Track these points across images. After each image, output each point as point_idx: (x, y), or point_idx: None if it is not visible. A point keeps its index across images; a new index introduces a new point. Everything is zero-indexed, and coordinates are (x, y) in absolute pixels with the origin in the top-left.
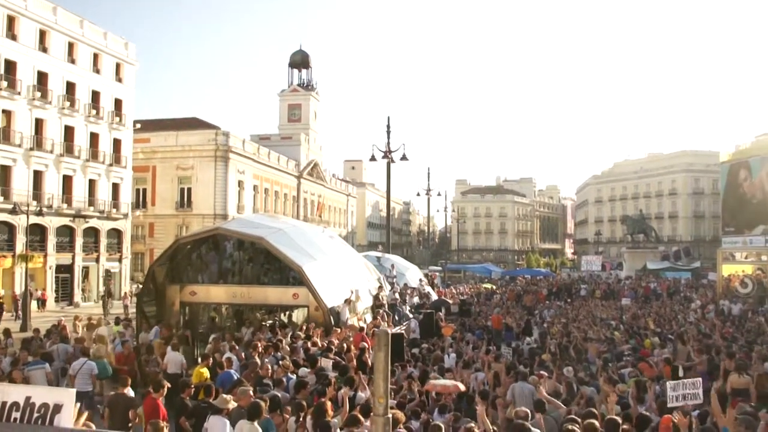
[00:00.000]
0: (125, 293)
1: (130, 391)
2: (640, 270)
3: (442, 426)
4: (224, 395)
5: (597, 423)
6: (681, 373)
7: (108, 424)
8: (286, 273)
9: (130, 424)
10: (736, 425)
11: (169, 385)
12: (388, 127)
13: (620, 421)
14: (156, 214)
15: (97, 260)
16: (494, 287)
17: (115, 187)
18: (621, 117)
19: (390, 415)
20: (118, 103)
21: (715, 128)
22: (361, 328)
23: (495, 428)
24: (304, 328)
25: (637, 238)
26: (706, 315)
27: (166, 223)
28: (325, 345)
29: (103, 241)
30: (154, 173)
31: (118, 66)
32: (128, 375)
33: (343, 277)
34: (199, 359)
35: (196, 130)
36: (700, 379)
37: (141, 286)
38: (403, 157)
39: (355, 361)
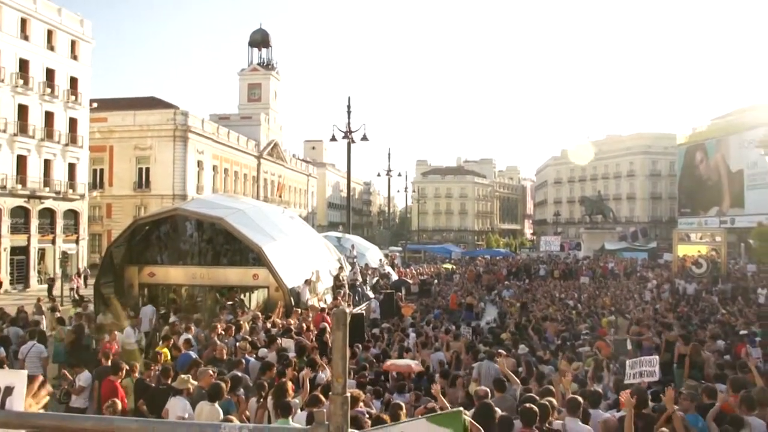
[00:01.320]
0: (74, 275)
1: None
2: (598, 250)
3: (403, 405)
4: (183, 376)
5: (554, 401)
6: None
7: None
8: (246, 254)
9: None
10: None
11: (128, 367)
12: (349, 107)
13: (581, 399)
14: (114, 194)
15: (54, 242)
16: (454, 267)
17: (72, 168)
18: (581, 99)
19: (348, 394)
20: (73, 82)
21: (672, 111)
22: (322, 309)
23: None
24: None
25: (595, 219)
26: (662, 294)
27: (124, 203)
28: (285, 325)
29: (60, 223)
30: (112, 153)
31: (73, 43)
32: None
33: (303, 258)
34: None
35: (155, 109)
36: (657, 357)
37: (87, 269)
38: (364, 138)
39: (315, 341)
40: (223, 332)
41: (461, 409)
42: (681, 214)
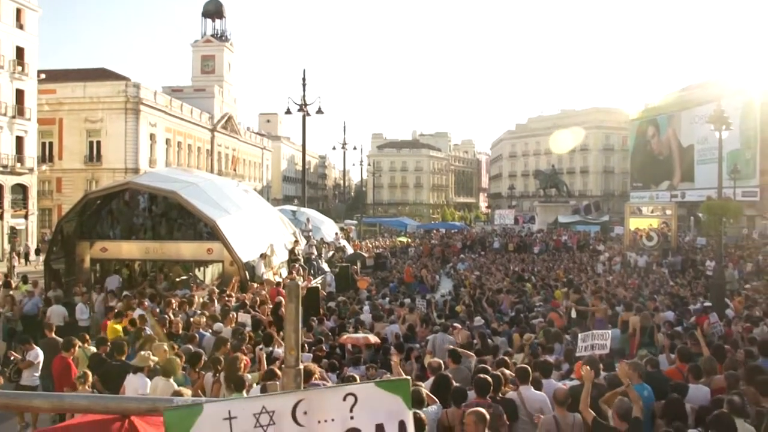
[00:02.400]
0: (13, 252)
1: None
2: (552, 223)
3: (358, 378)
4: (143, 353)
5: (507, 371)
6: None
7: None
8: (199, 228)
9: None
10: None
11: (80, 343)
12: (304, 80)
13: (530, 369)
14: (64, 168)
15: (1, 217)
16: (409, 241)
17: (19, 141)
18: (535, 73)
19: (301, 367)
20: (20, 52)
21: (625, 87)
22: (277, 283)
23: (410, 379)
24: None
25: (549, 193)
26: (613, 267)
27: (74, 177)
28: (241, 300)
29: (8, 197)
30: (61, 126)
31: (18, 11)
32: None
33: (258, 232)
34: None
35: (105, 81)
36: (610, 331)
37: (28, 245)
38: (319, 111)
39: (270, 315)
40: (177, 307)
41: (409, 377)
42: (633, 188)
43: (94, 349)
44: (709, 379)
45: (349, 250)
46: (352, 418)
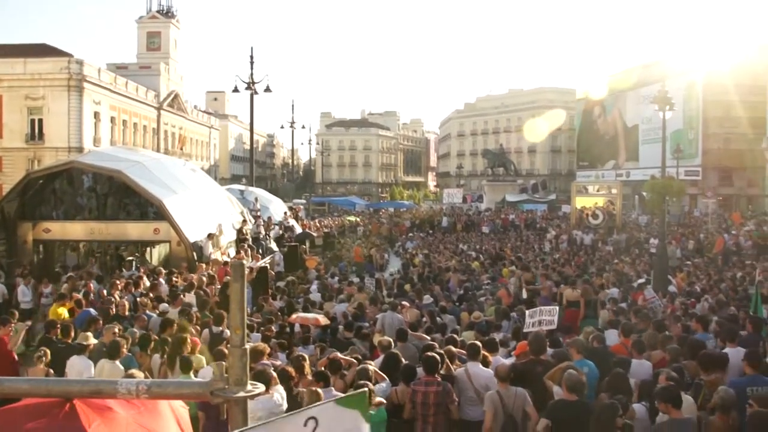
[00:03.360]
0: None
1: None
2: (500, 202)
3: (307, 357)
4: (84, 333)
5: (455, 349)
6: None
7: None
8: (146, 207)
9: None
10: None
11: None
12: (251, 57)
13: (480, 345)
14: (4, 147)
15: None
16: (358, 220)
17: None
18: (484, 53)
19: (247, 346)
20: None
21: (572, 67)
22: (225, 263)
23: (360, 357)
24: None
25: (497, 172)
26: (560, 245)
27: (15, 156)
28: (188, 280)
29: None
30: (0, 103)
31: None
32: None
33: (205, 211)
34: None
35: (47, 57)
36: (557, 307)
37: None
38: (267, 89)
39: (218, 295)
40: (122, 288)
41: (365, 390)
42: (579, 167)
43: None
44: (650, 354)
45: (298, 230)
46: None
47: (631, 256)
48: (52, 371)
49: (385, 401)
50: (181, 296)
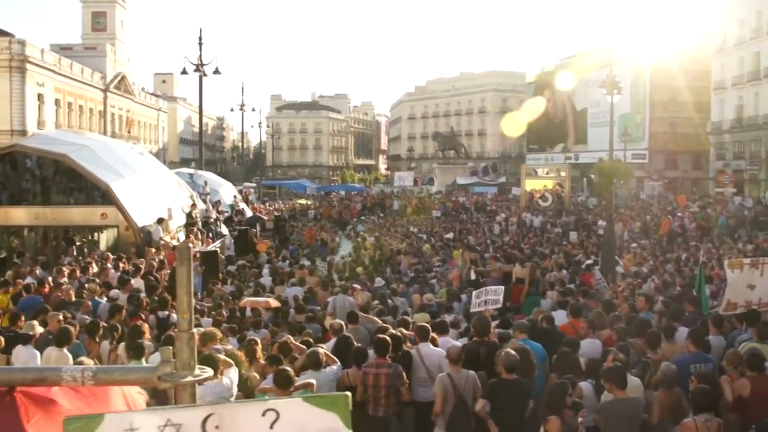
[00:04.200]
0: None
1: None
2: (450, 185)
3: (258, 341)
4: (30, 321)
5: (406, 331)
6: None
7: None
8: (92, 192)
9: None
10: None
11: None
12: (200, 39)
13: (430, 327)
14: None
15: None
16: (309, 203)
17: None
18: (435, 36)
19: (194, 331)
20: None
21: (522, 51)
22: (174, 247)
23: (312, 340)
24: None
25: (447, 155)
26: (510, 227)
27: None
28: (137, 265)
29: None
30: None
31: None
32: None
33: (154, 196)
34: None
35: None
36: (502, 287)
37: None
38: (216, 71)
39: (168, 280)
40: (69, 273)
41: (348, 393)
42: (529, 150)
43: None
44: (599, 332)
45: (248, 213)
46: None
47: (579, 237)
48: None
49: (314, 382)
50: (130, 282)
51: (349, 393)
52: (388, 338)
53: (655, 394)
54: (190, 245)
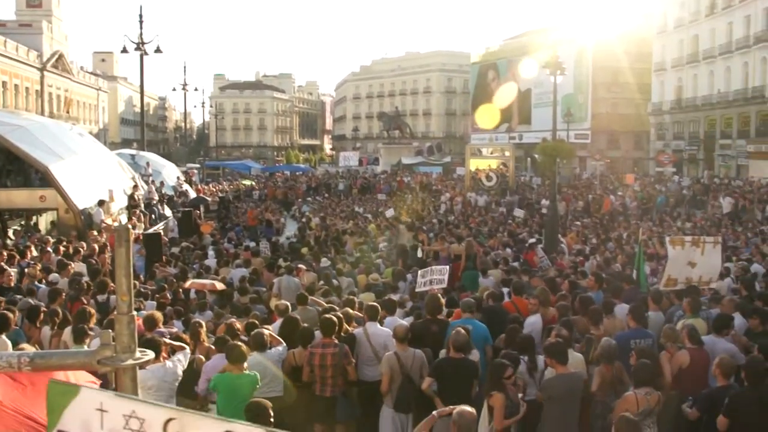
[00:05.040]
0: None
1: None
2: (396, 165)
3: (203, 323)
4: None
5: (352, 311)
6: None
7: None
8: (30, 174)
9: None
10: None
11: None
12: (141, 17)
13: (378, 307)
14: None
15: None
16: (254, 184)
17: None
18: (380, 15)
19: (134, 313)
20: None
21: (467, 31)
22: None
23: (258, 322)
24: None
25: (392, 134)
26: (455, 207)
27: None
28: (78, 248)
29: None
30: None
31: None
32: None
33: (95, 177)
34: None
35: None
36: (447, 267)
37: None
38: (157, 50)
39: (110, 263)
40: (7, 258)
41: None
42: (474, 130)
43: None
44: (546, 309)
45: (192, 195)
46: None
47: (523, 216)
48: None
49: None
50: (71, 265)
51: None
52: (335, 318)
53: (596, 369)
54: (130, 227)
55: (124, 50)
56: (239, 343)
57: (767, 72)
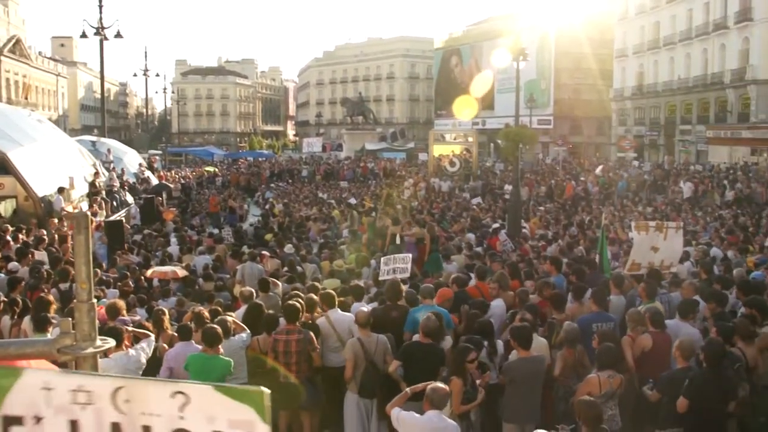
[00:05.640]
0: None
1: None
2: (359, 151)
3: (166, 310)
4: None
5: (315, 297)
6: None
7: None
8: None
9: None
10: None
11: None
12: (100, 1)
13: (334, 294)
14: None
15: None
16: (217, 170)
17: None
18: (343, 1)
19: (94, 301)
20: None
21: (430, 16)
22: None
23: (222, 309)
24: None
25: (356, 120)
26: (419, 192)
27: None
28: (39, 236)
29: None
30: None
31: None
32: None
33: (55, 164)
34: None
35: None
36: (410, 255)
37: None
38: (118, 35)
39: (71, 251)
40: None
41: (265, 390)
42: (437, 115)
43: None
44: (506, 293)
45: (154, 181)
46: (182, 418)
47: (486, 202)
48: None
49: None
50: (31, 254)
51: (266, 390)
52: (298, 305)
53: (559, 353)
54: (90, 214)
55: (84, 35)
56: (215, 325)
57: (726, 58)
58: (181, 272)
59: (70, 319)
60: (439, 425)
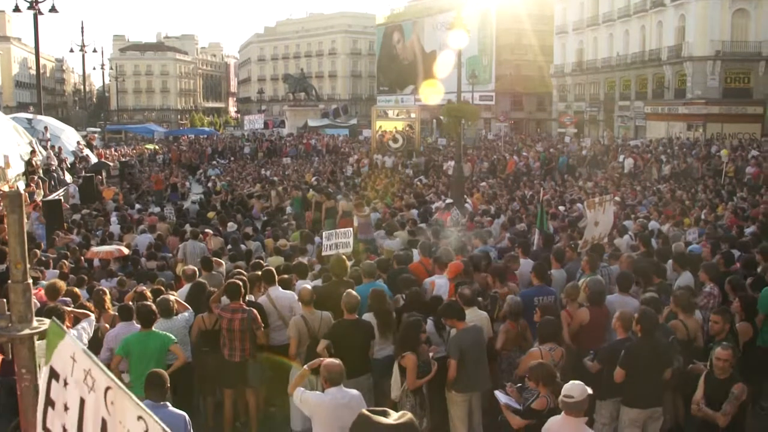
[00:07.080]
0: None
1: None
2: (302, 127)
3: (107, 290)
4: None
5: (259, 273)
6: None
7: None
8: None
9: None
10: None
11: None
12: None
13: (273, 271)
14: None
15: None
16: (157, 148)
17: None
18: None
19: (30, 281)
20: None
21: None
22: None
23: (164, 288)
24: None
25: (298, 97)
26: (362, 169)
27: None
28: None
29: None
30: None
31: None
32: None
33: None
34: None
35: None
36: (350, 229)
37: None
38: (53, 9)
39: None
40: None
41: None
42: (380, 92)
43: None
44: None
45: (93, 160)
46: None
47: (430, 178)
48: None
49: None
50: None
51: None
52: (240, 282)
53: (501, 326)
54: (23, 192)
55: (17, 9)
56: (148, 303)
57: (663, 35)
58: (124, 249)
59: (4, 300)
60: (343, 400)
